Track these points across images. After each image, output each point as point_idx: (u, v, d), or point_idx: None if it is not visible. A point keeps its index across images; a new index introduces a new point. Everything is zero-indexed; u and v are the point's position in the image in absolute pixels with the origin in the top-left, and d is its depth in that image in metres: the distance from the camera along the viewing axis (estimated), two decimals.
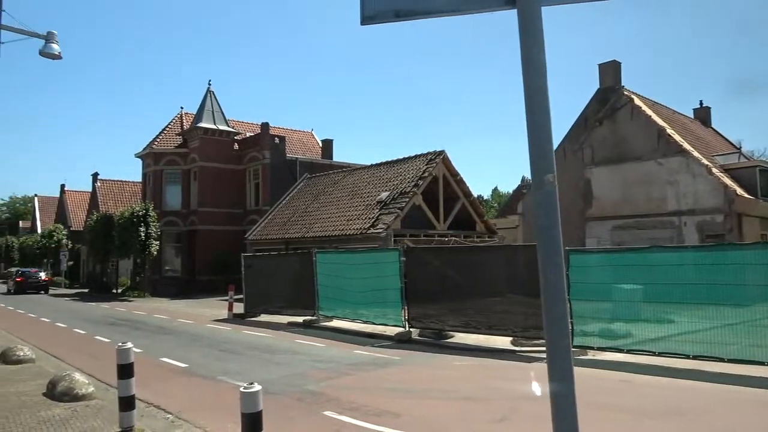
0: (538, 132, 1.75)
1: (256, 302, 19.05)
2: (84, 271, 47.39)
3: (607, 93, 24.84)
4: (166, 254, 35.06)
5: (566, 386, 1.77)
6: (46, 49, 11.52)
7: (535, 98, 1.75)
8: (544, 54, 1.81)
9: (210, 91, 35.76)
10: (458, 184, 24.52)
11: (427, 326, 13.50)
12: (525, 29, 1.80)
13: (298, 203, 28.34)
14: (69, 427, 6.40)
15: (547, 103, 1.78)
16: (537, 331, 11.37)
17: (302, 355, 11.73)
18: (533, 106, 1.76)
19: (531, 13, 1.80)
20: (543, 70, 1.79)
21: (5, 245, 59.42)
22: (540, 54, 1.79)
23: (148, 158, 36.37)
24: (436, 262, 13.84)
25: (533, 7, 1.82)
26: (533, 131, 1.76)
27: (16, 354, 10.68)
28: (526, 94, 1.78)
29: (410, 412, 7.13)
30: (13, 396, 7.89)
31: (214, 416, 7.11)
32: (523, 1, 1.82)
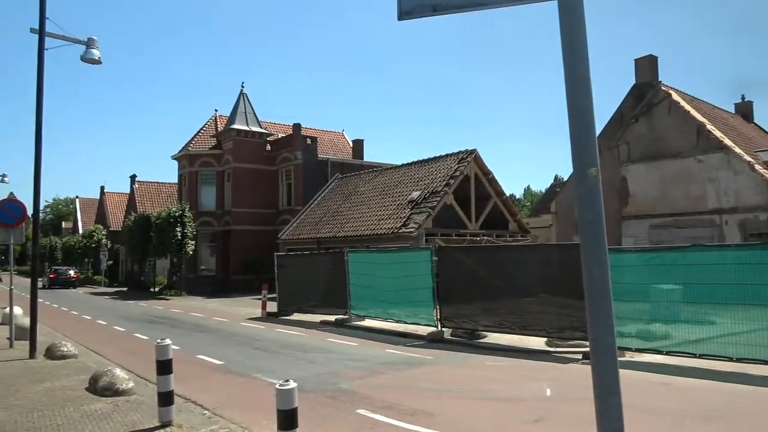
0: (581, 124, 1.72)
1: (289, 301, 19.25)
2: (123, 270, 48.70)
3: (644, 88, 24.23)
4: (201, 254, 35.75)
5: (612, 386, 1.72)
6: (87, 54, 11.87)
7: (577, 90, 1.72)
8: (586, 45, 1.77)
9: (243, 93, 36.31)
10: (490, 182, 24.29)
11: (459, 326, 13.41)
12: (566, 21, 1.77)
13: (329, 203, 28.52)
14: (111, 420, 6.57)
15: (590, 95, 1.74)
16: (572, 332, 11.18)
17: (335, 353, 11.79)
18: (575, 98, 1.72)
19: (572, 3, 1.76)
20: (585, 61, 1.75)
21: (49, 245, 61.51)
22: (582, 45, 1.75)
23: (183, 160, 37.15)
24: (468, 262, 13.73)
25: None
26: (575, 124, 1.73)
27: (60, 350, 11.04)
28: (568, 87, 1.74)
29: (444, 412, 7.09)
30: (58, 390, 8.16)
31: (249, 413, 7.20)
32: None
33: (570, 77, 1.74)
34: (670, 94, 23.36)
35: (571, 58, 1.75)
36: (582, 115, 1.71)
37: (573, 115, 1.73)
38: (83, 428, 6.24)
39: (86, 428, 6.24)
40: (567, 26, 1.75)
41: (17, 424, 6.43)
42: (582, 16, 1.74)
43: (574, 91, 1.73)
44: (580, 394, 7.75)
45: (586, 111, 1.71)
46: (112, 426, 6.34)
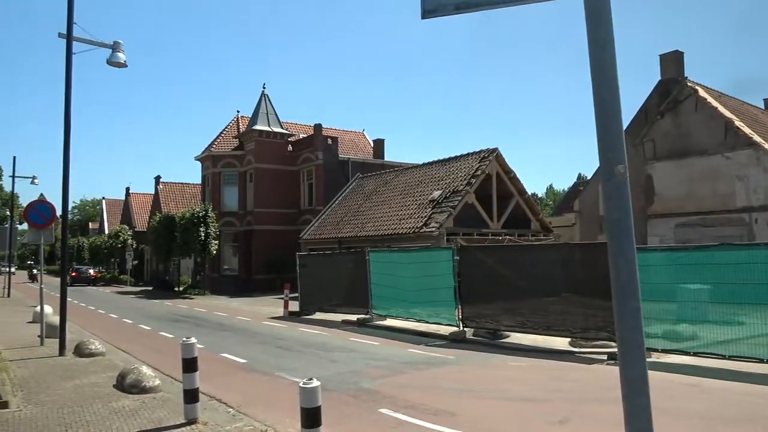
0: (608, 122, 1.69)
1: (311, 300, 19.37)
2: (148, 270, 49.51)
3: (669, 85, 23.79)
4: (224, 253, 36.16)
5: (641, 387, 1.70)
6: (113, 58, 12.07)
7: (604, 87, 1.69)
8: (613, 42, 1.74)
9: (264, 95, 36.61)
10: (512, 181, 24.10)
11: (481, 326, 13.33)
12: (592, 17, 1.74)
13: (350, 203, 28.60)
14: (138, 417, 6.69)
15: (617, 92, 1.71)
16: (597, 332, 11.04)
17: (357, 353, 11.82)
18: (602, 94, 1.70)
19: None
20: (612, 58, 1.73)
21: (76, 245, 62.84)
22: (609, 41, 1.73)
23: (206, 161, 37.61)
24: (490, 261, 13.64)
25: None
26: (603, 121, 1.71)
27: (89, 348, 11.27)
28: (594, 83, 1.72)
29: (467, 412, 7.06)
30: (87, 387, 8.33)
31: (272, 411, 7.27)
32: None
33: (596, 74, 1.72)
34: (697, 90, 22.90)
35: (597, 54, 1.73)
36: (609, 113, 1.69)
37: (600, 113, 1.71)
38: (111, 424, 6.37)
39: (114, 424, 6.37)
40: (593, 23, 1.73)
41: (48, 420, 6.58)
42: (608, 12, 1.72)
43: (600, 88, 1.70)
44: (606, 395, 7.65)
45: (613, 108, 1.69)
46: (139, 422, 6.46)
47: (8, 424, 6.40)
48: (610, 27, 1.74)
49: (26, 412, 6.94)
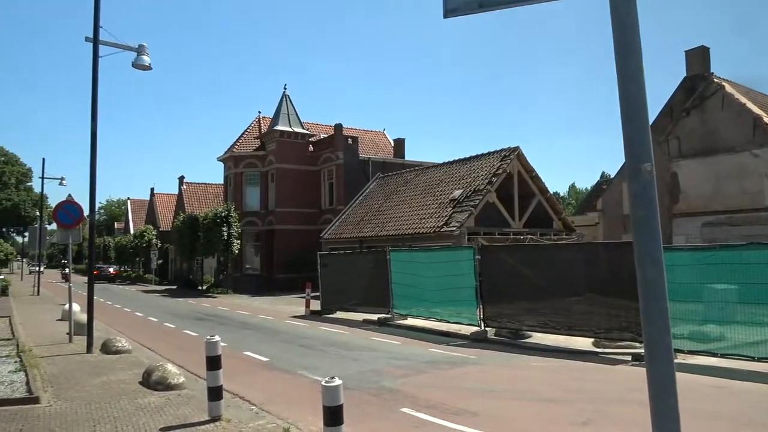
0: (634, 119, 1.67)
1: (332, 300, 19.45)
2: (172, 269, 50.24)
3: (695, 81, 23.30)
4: (246, 253, 36.52)
5: (668, 387, 1.67)
6: (138, 61, 12.29)
7: (630, 83, 1.67)
8: (639, 38, 1.72)
9: (285, 95, 36.87)
10: (534, 180, 23.88)
11: (503, 326, 13.25)
12: (618, 12, 1.72)
13: (371, 202, 28.64)
14: (163, 414, 6.81)
15: (643, 88, 1.69)
16: (621, 333, 10.89)
17: (378, 352, 11.84)
18: (628, 91, 1.68)
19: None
20: (638, 54, 1.71)
21: (103, 245, 64.06)
22: (634, 37, 1.71)
23: (229, 161, 38.03)
24: (511, 261, 13.54)
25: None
26: (628, 118, 1.68)
27: (115, 345, 11.49)
28: (620, 80, 1.70)
29: (488, 412, 7.02)
30: (114, 384, 8.50)
31: (294, 408, 7.32)
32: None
33: (622, 71, 1.69)
34: (724, 86, 22.41)
35: (623, 50, 1.70)
36: (635, 110, 1.66)
37: (625, 110, 1.68)
38: (137, 420, 6.49)
39: (140, 420, 6.48)
40: (619, 18, 1.71)
41: (77, 415, 6.73)
42: (634, 9, 1.70)
43: (626, 85, 1.68)
44: (631, 397, 7.55)
45: (639, 105, 1.67)
46: (165, 419, 6.57)
47: (39, 419, 6.56)
48: (635, 22, 1.72)
49: (56, 407, 7.11)
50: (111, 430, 6.14)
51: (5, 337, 13.04)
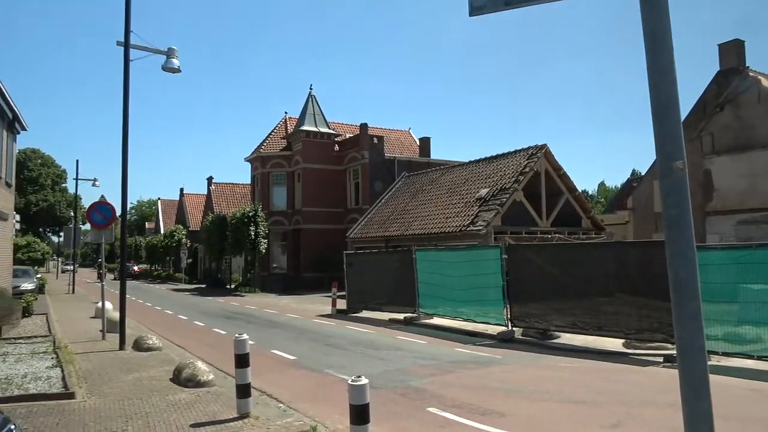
0: (665, 116, 1.64)
1: (358, 299, 19.52)
2: (201, 268, 51.07)
3: (729, 75, 22.67)
4: (273, 252, 36.90)
5: (701, 390, 1.63)
6: (168, 64, 12.52)
7: (661, 80, 1.64)
8: (670, 33, 1.68)
9: (311, 96, 37.13)
10: (562, 178, 23.55)
11: (530, 326, 13.11)
12: (648, 7, 1.69)
13: (396, 202, 28.63)
14: (193, 410, 6.93)
15: (674, 85, 1.65)
16: (652, 334, 10.67)
17: (404, 351, 11.84)
18: (660, 87, 1.64)
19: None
20: (669, 50, 1.67)
21: (134, 244, 65.49)
22: (665, 33, 1.67)
23: (256, 162, 38.48)
24: (539, 260, 13.39)
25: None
26: (660, 115, 1.65)
27: (146, 342, 11.75)
28: (650, 77, 1.67)
29: (516, 412, 6.96)
30: (145, 380, 8.69)
31: (321, 407, 7.37)
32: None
33: (653, 67, 1.66)
34: (759, 80, 21.75)
35: (654, 46, 1.67)
36: (666, 106, 1.63)
37: (656, 107, 1.65)
38: (168, 416, 6.62)
39: (171, 417, 6.61)
40: (649, 13, 1.67)
41: (111, 410, 6.90)
42: (665, 3, 1.66)
43: (657, 81, 1.65)
44: (662, 399, 7.40)
45: (671, 102, 1.63)
46: (195, 415, 6.68)
47: (75, 413, 6.75)
48: (666, 17, 1.68)
49: (90, 402, 7.31)
50: (143, 425, 6.28)
51: (43, 334, 13.45)
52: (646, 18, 1.70)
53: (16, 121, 17.56)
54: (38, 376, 8.61)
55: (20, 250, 39.82)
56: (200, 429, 6.16)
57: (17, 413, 6.41)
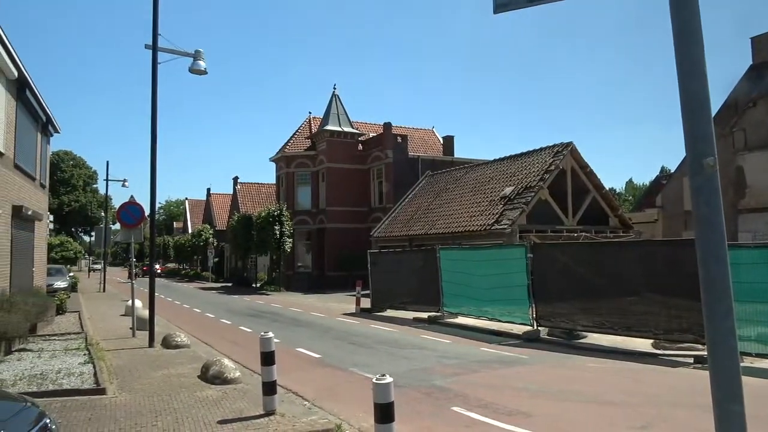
0: (695, 112, 1.60)
1: (382, 297, 19.55)
2: (227, 267, 51.74)
3: (762, 69, 22.04)
4: (298, 251, 37.19)
5: (733, 392, 1.60)
6: (195, 66, 12.71)
7: (691, 76, 1.60)
8: (700, 27, 1.64)
9: (335, 95, 37.29)
10: (588, 176, 23.19)
11: (556, 325, 12.96)
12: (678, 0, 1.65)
13: (420, 200, 28.58)
14: (220, 407, 7.03)
15: (704, 81, 1.62)
16: (682, 334, 10.46)
17: (428, 350, 11.82)
18: (689, 82, 1.60)
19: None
20: (699, 45, 1.63)
21: (162, 244, 66.69)
22: (695, 27, 1.63)
23: (280, 162, 38.82)
24: (565, 259, 13.22)
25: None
26: (689, 112, 1.61)
27: (175, 340, 11.96)
28: (680, 72, 1.63)
29: (542, 413, 6.89)
30: (174, 377, 8.85)
31: (346, 405, 7.41)
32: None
33: (682, 62, 1.62)
34: None
35: (684, 41, 1.63)
36: (696, 103, 1.59)
37: (686, 103, 1.61)
38: (196, 413, 6.73)
39: (199, 413, 6.72)
40: (678, 6, 1.64)
41: (140, 406, 7.05)
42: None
43: (687, 77, 1.61)
44: (692, 401, 7.25)
45: (701, 98, 1.59)
46: (222, 412, 6.78)
47: (106, 409, 6.92)
48: (696, 10, 1.64)
49: (121, 398, 7.47)
50: (172, 421, 6.39)
51: (75, 331, 13.80)
52: (675, 11, 1.67)
53: (50, 124, 18.03)
54: (71, 371, 8.84)
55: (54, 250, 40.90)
56: (227, 425, 6.25)
57: (52, 407, 6.59)
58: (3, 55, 11.63)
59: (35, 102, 15.32)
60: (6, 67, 12.18)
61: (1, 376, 8.47)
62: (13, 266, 13.39)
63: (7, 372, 8.78)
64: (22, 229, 14.58)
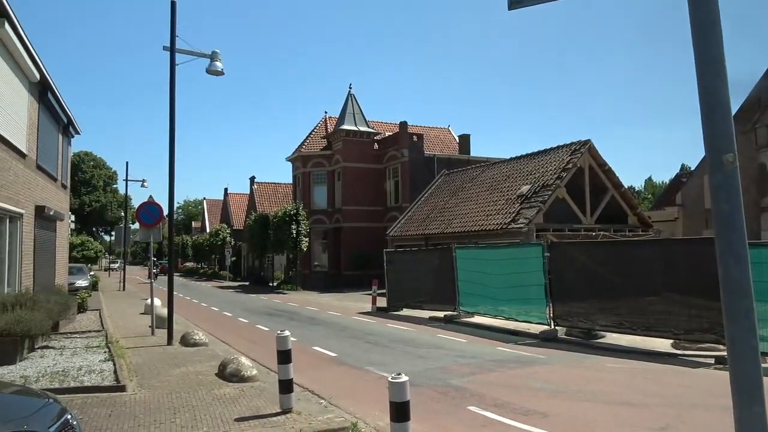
0: (714, 108, 1.57)
1: (398, 296, 19.55)
2: (245, 266, 52.14)
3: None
4: (314, 250, 37.35)
5: (754, 393, 1.57)
6: (212, 67, 12.82)
7: (709, 72, 1.57)
8: (719, 22, 1.61)
9: (351, 95, 37.36)
10: (606, 174, 22.94)
11: (574, 325, 12.84)
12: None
13: (436, 199, 28.52)
14: (237, 404, 7.09)
15: (724, 77, 1.59)
16: (703, 334, 10.29)
17: (444, 349, 11.79)
18: (707, 80, 1.58)
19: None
20: (718, 40, 1.60)
21: (181, 243, 67.45)
22: (714, 23, 1.60)
23: (297, 161, 39.01)
24: (583, 258, 13.09)
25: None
26: (708, 108, 1.58)
27: (193, 338, 12.08)
28: (698, 68, 1.61)
29: (559, 413, 6.83)
30: (192, 375, 8.95)
31: (362, 403, 7.42)
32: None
33: (701, 58, 1.59)
34: None
35: (702, 36, 1.60)
36: (715, 99, 1.56)
37: (705, 99, 1.58)
38: (214, 410, 6.80)
39: (216, 410, 6.79)
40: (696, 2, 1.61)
41: (159, 403, 7.14)
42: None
43: (705, 73, 1.58)
44: (713, 402, 7.14)
45: (720, 94, 1.56)
46: (239, 409, 6.84)
47: (126, 406, 7.02)
48: (715, 6, 1.61)
49: (140, 395, 7.58)
50: (190, 418, 6.47)
51: (96, 329, 14.02)
52: (693, 7, 1.64)
53: (71, 125, 18.33)
54: (92, 369, 8.98)
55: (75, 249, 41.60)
56: (244, 423, 6.30)
57: (73, 404, 6.70)
58: (26, 58, 11.85)
59: (57, 104, 15.59)
60: (29, 70, 12.41)
61: (25, 372, 8.65)
62: (36, 265, 13.65)
63: (30, 369, 8.96)
64: (44, 229, 14.85)
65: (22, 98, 12.44)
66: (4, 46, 10.84)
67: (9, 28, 10.46)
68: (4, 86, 10.90)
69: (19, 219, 12.13)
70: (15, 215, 11.81)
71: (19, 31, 10.94)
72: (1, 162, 10.68)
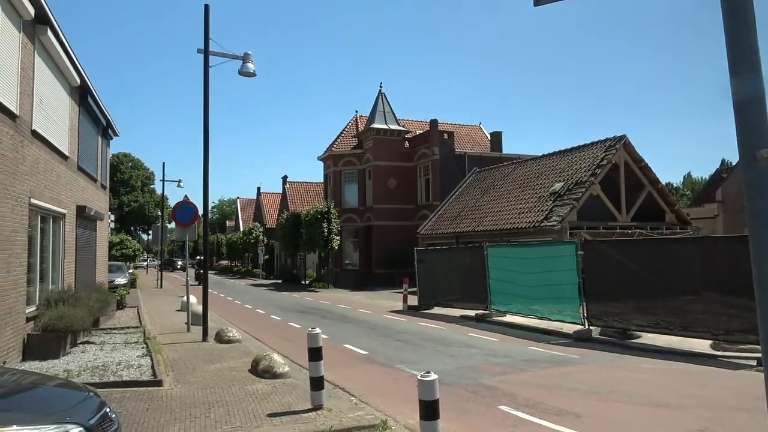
0: (747, 102, 1.53)
1: (429, 295, 19.51)
2: (277, 264, 52.82)
3: None
4: (345, 249, 37.57)
5: None
6: (244, 68, 13.03)
7: (743, 64, 1.53)
8: (753, 13, 1.57)
9: (381, 93, 37.41)
10: (643, 170, 22.38)
11: (609, 325, 12.60)
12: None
13: (467, 197, 28.33)
14: (270, 401, 7.21)
15: (758, 69, 1.54)
16: (744, 335, 9.96)
17: (476, 348, 11.72)
18: (741, 73, 1.53)
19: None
20: (752, 32, 1.56)
21: (216, 242, 68.75)
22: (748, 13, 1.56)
23: (328, 160, 39.30)
24: (618, 256, 12.82)
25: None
26: (741, 102, 1.54)
27: (227, 335, 12.32)
28: (731, 61, 1.56)
29: (592, 414, 6.72)
30: (226, 371, 9.13)
31: (392, 401, 7.45)
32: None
33: (733, 50, 1.55)
34: None
35: (734, 27, 1.56)
36: (749, 93, 1.52)
37: (738, 92, 1.54)
38: (247, 406, 6.92)
39: (249, 406, 6.92)
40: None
41: (194, 398, 7.32)
42: None
43: (738, 66, 1.54)
44: (754, 405, 6.89)
45: (754, 87, 1.52)
46: (271, 405, 6.95)
47: (162, 400, 7.21)
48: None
49: (176, 390, 7.77)
50: (224, 413, 6.60)
51: (134, 325, 14.44)
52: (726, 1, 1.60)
53: (110, 127, 18.88)
54: (130, 364, 9.26)
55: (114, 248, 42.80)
56: (276, 419, 6.40)
57: (112, 398, 6.93)
58: (67, 63, 12.27)
59: (96, 107, 16.08)
60: (70, 75, 12.84)
61: (68, 366, 8.97)
62: (77, 263, 14.12)
63: (72, 363, 9.29)
64: (85, 228, 15.35)
65: (63, 102, 12.87)
66: (46, 52, 11.24)
67: (51, 34, 10.84)
68: (47, 91, 11.31)
69: (62, 219, 12.57)
70: (58, 215, 12.24)
71: (60, 38, 11.33)
72: (45, 164, 11.08)
